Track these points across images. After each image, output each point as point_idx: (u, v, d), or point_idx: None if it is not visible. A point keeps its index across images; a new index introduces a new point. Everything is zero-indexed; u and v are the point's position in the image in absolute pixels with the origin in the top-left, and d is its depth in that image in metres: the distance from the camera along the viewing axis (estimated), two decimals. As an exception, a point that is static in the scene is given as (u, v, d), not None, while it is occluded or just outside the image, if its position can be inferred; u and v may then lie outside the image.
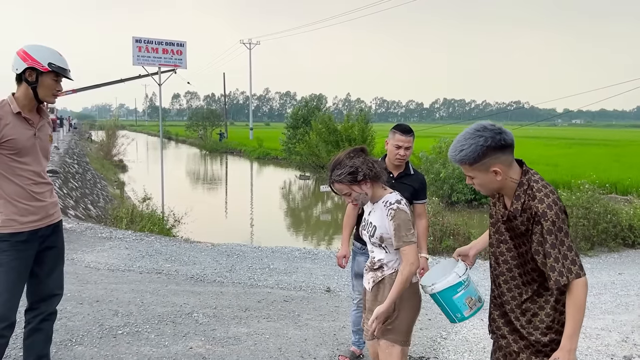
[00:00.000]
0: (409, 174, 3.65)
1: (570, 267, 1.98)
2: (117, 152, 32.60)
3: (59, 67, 2.81)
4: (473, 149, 2.05)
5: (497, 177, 2.09)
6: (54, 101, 2.97)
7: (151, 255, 6.87)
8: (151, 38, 11.03)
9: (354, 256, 3.73)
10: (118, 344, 3.92)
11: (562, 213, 2.04)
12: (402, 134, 3.53)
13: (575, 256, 2.00)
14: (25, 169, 2.84)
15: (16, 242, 2.81)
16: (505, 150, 2.07)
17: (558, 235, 1.99)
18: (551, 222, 2.00)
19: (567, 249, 1.99)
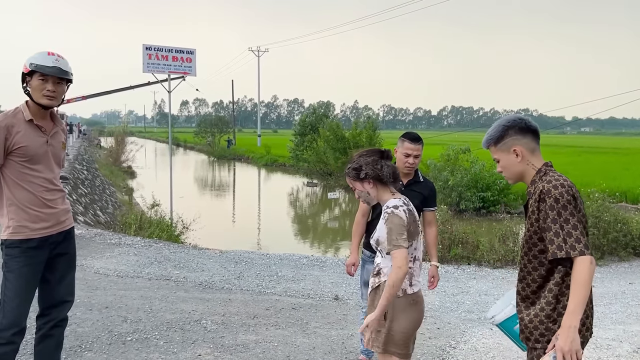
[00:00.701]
0: (418, 181, 3.63)
1: (574, 244, 1.99)
2: (125, 159, 32.81)
3: (38, 64, 2.75)
4: (496, 129, 2.25)
5: (518, 158, 2.20)
6: (49, 103, 2.84)
7: (160, 262, 6.89)
8: (161, 45, 11.12)
9: (363, 264, 3.70)
10: (127, 351, 3.93)
11: (570, 196, 2.05)
12: (410, 142, 3.52)
13: (581, 235, 2.01)
14: (36, 176, 2.86)
15: (27, 248, 2.83)
16: (525, 133, 2.20)
17: (562, 213, 2.02)
18: (554, 199, 2.04)
19: (572, 227, 2.01)
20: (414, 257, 2.64)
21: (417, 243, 2.65)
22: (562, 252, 2.00)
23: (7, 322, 2.74)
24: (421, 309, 2.68)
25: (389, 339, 2.58)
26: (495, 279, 7.37)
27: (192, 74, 11.42)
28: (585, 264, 1.99)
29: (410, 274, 2.61)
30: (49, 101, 2.83)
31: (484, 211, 16.32)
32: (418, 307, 2.65)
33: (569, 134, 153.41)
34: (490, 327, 5.24)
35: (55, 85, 2.82)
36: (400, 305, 2.58)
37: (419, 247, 2.68)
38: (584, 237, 2.02)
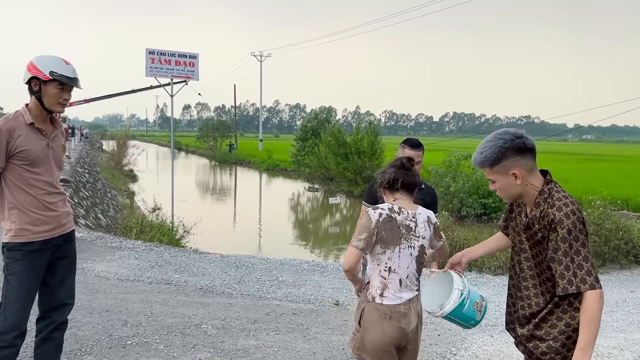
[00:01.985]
0: (420, 188, 3.61)
1: (585, 278, 1.95)
2: (127, 162, 32.85)
3: (61, 75, 2.80)
4: (492, 150, 2.11)
5: (517, 180, 2.11)
6: (62, 110, 2.93)
7: (160, 266, 6.89)
8: (164, 50, 11.16)
9: (364, 269, 3.71)
10: (127, 355, 3.92)
11: (580, 224, 2.01)
12: (411, 148, 3.48)
13: (591, 267, 1.97)
14: (38, 179, 2.87)
15: (29, 251, 2.84)
16: (524, 154, 2.10)
17: (573, 244, 1.98)
18: (567, 230, 1.99)
19: (582, 259, 1.97)
20: (388, 267, 2.49)
21: (393, 254, 2.49)
22: (573, 287, 1.97)
23: (8, 325, 2.74)
24: (398, 326, 2.50)
25: (361, 345, 2.55)
26: (496, 286, 7.35)
27: (195, 78, 11.45)
28: (595, 299, 1.95)
29: (384, 284, 2.49)
30: (62, 108, 2.88)
31: (485, 217, 16.31)
32: (393, 323, 2.49)
33: (570, 141, 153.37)
34: (491, 335, 5.23)
35: (68, 93, 2.88)
36: (372, 316, 2.51)
37: (394, 259, 2.49)
38: (594, 270, 1.98)
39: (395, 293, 2.51)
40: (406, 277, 2.53)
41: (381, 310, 2.50)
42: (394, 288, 2.51)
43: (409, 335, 2.54)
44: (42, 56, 2.85)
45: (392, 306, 2.50)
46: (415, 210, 2.58)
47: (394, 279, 2.51)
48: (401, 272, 2.51)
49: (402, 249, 2.50)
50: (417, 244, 2.54)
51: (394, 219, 2.50)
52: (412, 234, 2.53)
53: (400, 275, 2.51)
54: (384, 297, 2.51)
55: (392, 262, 2.49)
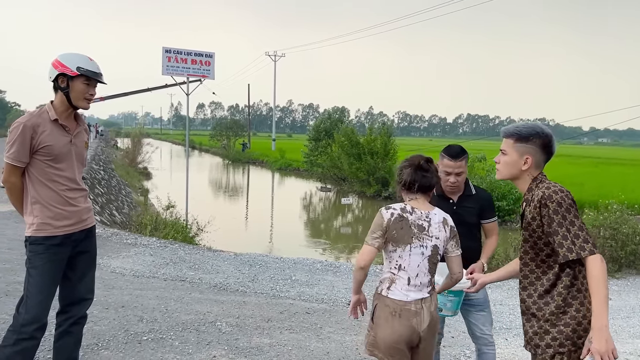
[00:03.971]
0: (470, 194, 3.29)
1: (583, 245, 2.04)
2: (141, 160, 33.09)
3: (87, 70, 2.86)
4: (528, 130, 2.27)
5: (524, 165, 2.26)
6: (88, 106, 2.98)
7: (175, 263, 6.94)
8: (180, 49, 11.22)
9: None
10: (143, 350, 3.96)
11: (570, 200, 2.11)
12: (450, 158, 3.12)
13: (587, 235, 2.06)
14: (60, 175, 2.91)
15: (50, 245, 2.88)
16: (544, 151, 2.27)
17: (567, 216, 2.08)
18: (557, 203, 2.10)
19: (578, 228, 2.07)
20: (398, 265, 2.55)
21: (404, 252, 2.54)
22: (573, 254, 2.05)
23: (30, 317, 2.79)
24: (408, 325, 2.52)
25: (374, 342, 2.60)
26: (511, 289, 7.30)
27: (211, 77, 11.50)
28: (597, 263, 2.03)
29: (392, 280, 2.56)
30: (88, 104, 2.93)
31: (499, 220, 16.15)
32: (403, 321, 2.51)
33: (586, 144, 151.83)
34: (505, 338, 5.20)
35: (94, 89, 2.94)
36: (383, 313, 2.56)
37: (405, 257, 2.54)
38: (590, 237, 2.07)
39: (401, 290, 2.56)
40: (415, 276, 2.57)
41: (391, 306, 2.55)
42: (401, 285, 2.57)
43: (421, 335, 2.56)
44: (67, 53, 2.90)
45: (400, 303, 2.54)
46: (430, 210, 2.63)
47: (402, 276, 2.57)
48: (410, 271, 2.56)
49: (413, 247, 2.55)
50: (430, 244, 2.57)
51: (405, 218, 2.54)
52: (425, 233, 2.57)
53: (409, 274, 2.56)
54: (390, 291, 2.57)
55: (402, 260, 2.56)
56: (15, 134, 2.78)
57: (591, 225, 9.04)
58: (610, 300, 6.94)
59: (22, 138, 2.78)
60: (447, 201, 3.24)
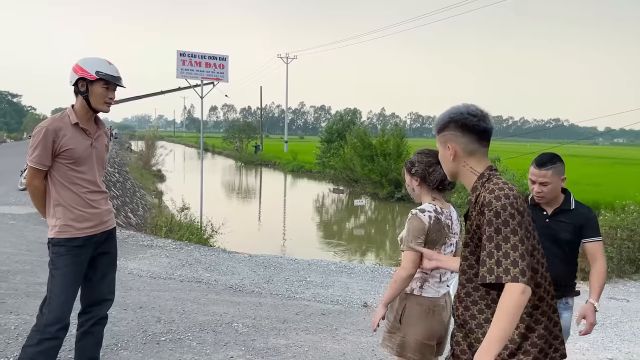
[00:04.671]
0: (568, 209, 2.97)
1: (509, 268, 1.70)
2: (155, 162, 33.37)
3: (107, 74, 2.91)
4: (441, 117, 2.01)
5: (451, 157, 1.97)
6: (108, 110, 3.02)
7: (191, 264, 7.00)
8: (195, 52, 11.32)
9: None
10: (161, 351, 4.00)
11: (514, 209, 1.77)
12: (535, 166, 2.92)
13: (520, 258, 1.71)
14: (81, 178, 2.96)
15: (72, 247, 2.93)
16: (467, 133, 1.93)
17: (501, 229, 1.74)
18: (494, 212, 1.77)
19: (511, 247, 1.72)
20: None
21: (439, 252, 2.57)
22: (492, 277, 1.72)
23: (53, 317, 2.84)
24: (440, 320, 2.59)
25: (403, 343, 2.60)
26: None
27: (225, 80, 11.59)
28: (515, 292, 1.68)
29: (424, 278, 2.59)
30: (108, 107, 2.97)
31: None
32: (436, 318, 2.57)
33: (601, 144, 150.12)
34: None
35: (113, 92, 2.98)
36: (415, 312, 2.58)
37: None
38: (523, 261, 1.71)
39: (434, 286, 2.61)
40: (444, 273, 2.65)
41: (424, 305, 2.58)
42: (434, 282, 2.61)
43: (447, 328, 2.66)
44: (87, 58, 2.95)
45: (433, 300, 2.60)
46: (450, 208, 2.69)
47: (435, 275, 2.62)
48: (442, 269, 2.59)
49: (446, 247, 2.61)
50: (454, 241, 2.66)
51: (440, 220, 2.58)
52: (451, 231, 2.64)
53: (441, 271, 2.62)
54: (424, 290, 2.61)
55: None
56: (37, 138, 2.83)
57: (608, 226, 8.96)
58: (628, 302, 6.87)
59: (44, 142, 2.83)
60: (540, 212, 2.98)
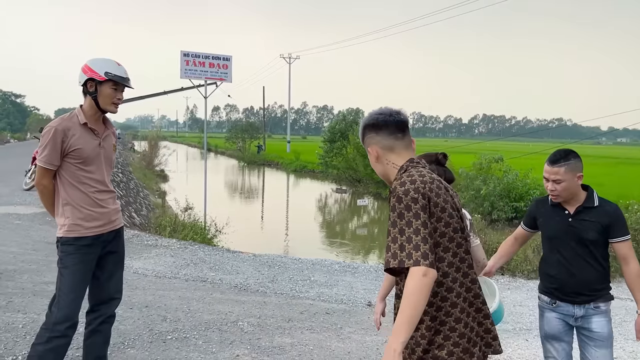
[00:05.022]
0: (591, 206, 2.82)
1: (412, 252, 1.70)
2: (158, 162, 33.42)
3: (115, 75, 2.94)
4: (360, 126, 2.06)
5: (375, 159, 2.01)
6: (116, 110, 3.05)
7: (196, 264, 7.03)
8: (198, 52, 11.35)
9: (542, 313, 3.06)
10: (168, 349, 4.03)
11: (417, 194, 1.78)
12: (548, 163, 2.84)
13: (422, 242, 1.71)
14: (89, 177, 2.99)
15: (81, 246, 2.96)
16: (379, 130, 1.98)
17: (404, 214, 1.75)
18: (397, 198, 1.78)
19: (413, 231, 1.72)
20: None
21: None
22: (396, 261, 1.72)
23: (62, 315, 2.87)
24: None
25: None
26: (530, 290, 7.26)
27: (228, 80, 11.61)
28: (417, 276, 1.68)
29: None
30: (116, 108, 3.00)
31: (517, 221, 16.04)
32: None
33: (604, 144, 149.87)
34: (526, 339, 5.18)
35: (121, 93, 3.01)
36: None
37: None
38: (425, 244, 1.71)
39: None
40: None
41: None
42: None
43: None
44: (96, 59, 2.98)
45: None
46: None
47: None
48: None
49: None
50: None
51: None
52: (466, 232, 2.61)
53: None
54: None
55: None
56: (47, 138, 2.87)
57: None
58: (632, 301, 6.87)
59: (53, 141, 2.86)
60: (562, 211, 2.86)
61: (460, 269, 1.90)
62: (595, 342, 2.82)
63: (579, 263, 2.79)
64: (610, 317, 2.84)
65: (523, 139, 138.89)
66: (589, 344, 2.85)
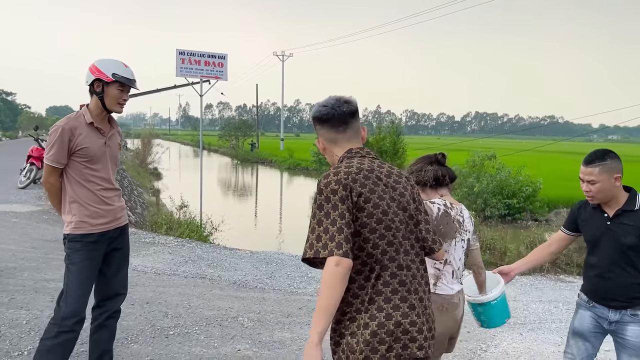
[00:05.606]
0: (631, 210, 2.69)
1: (327, 243, 1.74)
2: (151, 160, 33.34)
3: (122, 77, 3.00)
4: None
5: (322, 150, 2.09)
6: (121, 110, 3.12)
7: (194, 261, 7.09)
8: (194, 50, 11.38)
9: (577, 309, 2.96)
10: (170, 344, 4.10)
11: (338, 185, 1.83)
12: (583, 164, 2.74)
13: (337, 232, 1.75)
14: (96, 175, 3.06)
15: (87, 242, 3.02)
16: (323, 123, 2.03)
17: (324, 206, 1.81)
18: (318, 190, 1.85)
19: (330, 222, 1.77)
20: (445, 259, 2.58)
21: (450, 247, 2.61)
22: (312, 251, 1.76)
23: (70, 311, 2.93)
24: (453, 317, 2.63)
25: None
26: (524, 286, 7.38)
27: (224, 78, 11.64)
28: (330, 265, 1.72)
29: (437, 275, 2.59)
30: (121, 108, 3.06)
31: (510, 218, 16.23)
32: (449, 315, 2.61)
33: (595, 141, 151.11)
34: (520, 333, 5.29)
35: (127, 94, 3.08)
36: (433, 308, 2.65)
37: (451, 252, 2.62)
38: (340, 234, 1.75)
39: (447, 284, 2.63)
40: (457, 269, 2.67)
41: (438, 302, 2.58)
42: (447, 279, 2.63)
43: (459, 325, 2.69)
44: (104, 60, 3.04)
45: (447, 297, 2.61)
46: (461, 206, 2.74)
47: (448, 270, 2.63)
48: (454, 264, 2.65)
49: (457, 242, 2.65)
50: (465, 238, 2.70)
51: (449, 214, 2.63)
52: (462, 228, 2.68)
53: (454, 267, 2.65)
54: (437, 287, 2.62)
55: (448, 254, 2.62)
56: (54, 137, 2.92)
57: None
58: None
59: (60, 140, 2.92)
60: (601, 214, 2.76)
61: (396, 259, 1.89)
62: (628, 350, 2.72)
63: (615, 268, 2.69)
64: None
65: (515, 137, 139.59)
66: (622, 351, 2.76)
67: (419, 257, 1.99)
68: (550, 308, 6.26)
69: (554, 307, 6.29)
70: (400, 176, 2.05)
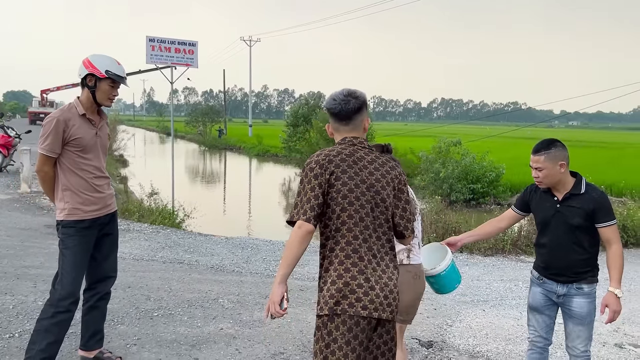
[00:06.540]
0: (577, 193, 2.94)
1: (299, 210, 2.21)
2: (117, 147, 32.80)
3: (115, 74, 3.18)
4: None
5: (330, 134, 2.47)
6: (110, 105, 3.33)
7: (171, 247, 7.24)
8: (164, 37, 11.37)
9: (530, 286, 3.25)
10: (155, 325, 4.30)
11: (315, 164, 2.26)
12: (532, 153, 3.00)
13: (306, 202, 2.21)
14: (88, 164, 3.23)
15: (80, 228, 3.20)
16: (331, 115, 2.43)
17: (303, 180, 2.27)
18: (303, 168, 2.31)
19: (304, 194, 2.23)
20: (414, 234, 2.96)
21: (416, 222, 3.03)
22: (289, 216, 2.26)
23: (65, 292, 3.11)
24: (423, 282, 3.07)
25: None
26: (486, 266, 7.81)
27: (194, 66, 11.68)
28: (295, 227, 2.20)
29: (409, 249, 2.99)
30: (111, 103, 3.25)
31: (474, 202, 16.80)
32: (421, 282, 3.06)
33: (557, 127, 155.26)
34: (483, 309, 5.68)
35: (117, 90, 3.25)
36: (404, 279, 2.93)
37: (418, 226, 3.08)
38: (308, 203, 2.20)
39: (417, 254, 3.05)
40: (421, 240, 3.12)
41: (412, 271, 3.00)
42: (416, 250, 3.04)
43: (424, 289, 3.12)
44: (98, 55, 3.19)
45: (418, 266, 3.03)
46: None
47: (415, 243, 3.05)
48: (419, 236, 3.08)
49: (418, 217, 3.08)
50: (419, 213, 3.15)
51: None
52: (415, 204, 3.09)
53: (418, 239, 3.08)
54: (411, 258, 3.03)
55: (416, 229, 3.01)
56: (49, 128, 3.07)
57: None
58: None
59: (55, 131, 3.07)
60: (551, 198, 3.02)
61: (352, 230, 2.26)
62: (573, 319, 3.01)
63: (564, 247, 2.95)
64: (593, 298, 2.98)
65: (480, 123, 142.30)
66: (569, 320, 3.05)
67: (384, 234, 2.34)
68: (510, 286, 6.68)
69: (514, 285, 6.72)
70: (384, 165, 2.38)
